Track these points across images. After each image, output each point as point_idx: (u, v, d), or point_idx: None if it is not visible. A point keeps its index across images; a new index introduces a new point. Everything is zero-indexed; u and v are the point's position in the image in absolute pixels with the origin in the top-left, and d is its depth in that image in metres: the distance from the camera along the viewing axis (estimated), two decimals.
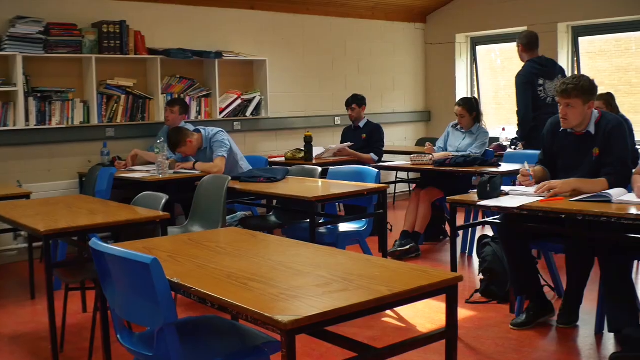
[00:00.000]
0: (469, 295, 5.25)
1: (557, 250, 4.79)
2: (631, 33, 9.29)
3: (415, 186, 7.24)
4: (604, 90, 8.23)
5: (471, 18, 10.05)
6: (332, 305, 2.29)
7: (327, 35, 9.39)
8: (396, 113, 10.18)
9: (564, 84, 4.41)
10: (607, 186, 4.28)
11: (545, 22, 9.26)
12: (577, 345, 4.41)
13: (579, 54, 9.43)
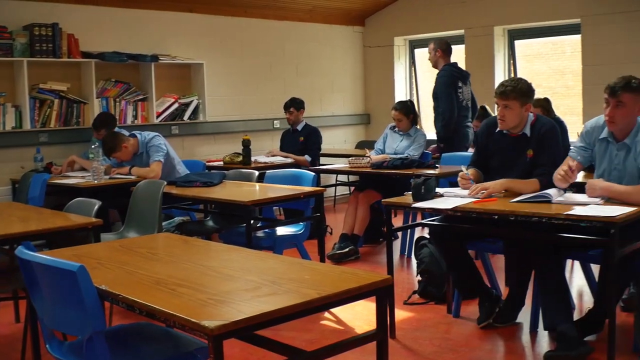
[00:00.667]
0: (407, 297, 5.28)
1: (493, 250, 4.84)
2: (566, 36, 9.47)
3: (354, 189, 7.26)
4: (542, 93, 8.40)
5: (409, 21, 10.13)
6: (259, 310, 2.27)
7: (265, 39, 9.36)
8: (335, 116, 10.21)
9: (503, 85, 4.47)
10: (538, 186, 4.36)
11: (482, 25, 9.40)
12: (513, 343, 4.46)
13: (515, 56, 9.58)
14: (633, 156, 4.14)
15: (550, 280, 4.17)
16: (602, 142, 4.29)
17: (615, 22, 8.36)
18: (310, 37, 9.94)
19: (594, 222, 3.67)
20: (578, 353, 3.92)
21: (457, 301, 4.89)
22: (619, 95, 4.04)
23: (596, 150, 4.33)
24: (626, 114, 4.10)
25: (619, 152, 4.21)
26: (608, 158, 4.26)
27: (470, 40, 9.55)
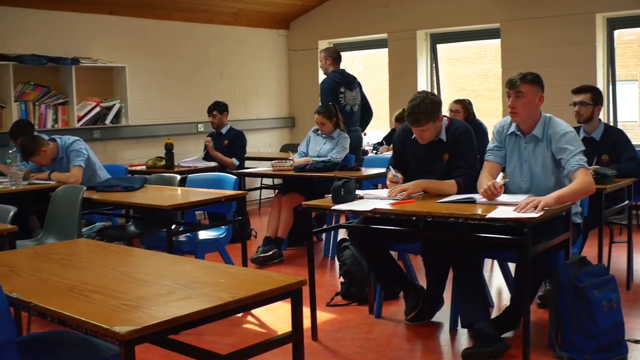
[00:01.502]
0: (330, 299, 5.32)
1: (412, 251, 4.92)
2: (487, 41, 9.69)
3: (277, 192, 7.28)
4: (465, 95, 8.58)
5: (333, 25, 10.20)
6: (172, 314, 2.26)
7: (189, 42, 9.30)
8: (260, 119, 10.21)
9: (412, 114, 4.50)
10: (455, 187, 4.48)
11: (404, 29, 9.53)
12: (433, 342, 4.54)
13: (437, 60, 9.74)
14: (545, 148, 4.29)
15: (468, 279, 4.27)
16: (511, 136, 4.47)
17: (532, 27, 8.59)
18: (235, 41, 9.91)
19: (508, 222, 3.78)
20: (495, 349, 4.02)
21: (379, 302, 4.96)
22: (518, 86, 4.31)
23: (506, 146, 4.47)
24: (526, 103, 4.33)
25: (527, 144, 4.40)
26: (518, 152, 4.44)
27: (393, 44, 9.67)
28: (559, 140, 4.27)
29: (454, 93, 10.34)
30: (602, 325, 3.95)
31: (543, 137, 4.35)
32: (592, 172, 4.95)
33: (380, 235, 4.66)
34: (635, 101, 10.80)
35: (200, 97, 9.18)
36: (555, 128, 4.32)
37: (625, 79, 10.41)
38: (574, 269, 4.02)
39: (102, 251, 3.46)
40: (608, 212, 5.14)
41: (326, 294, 5.44)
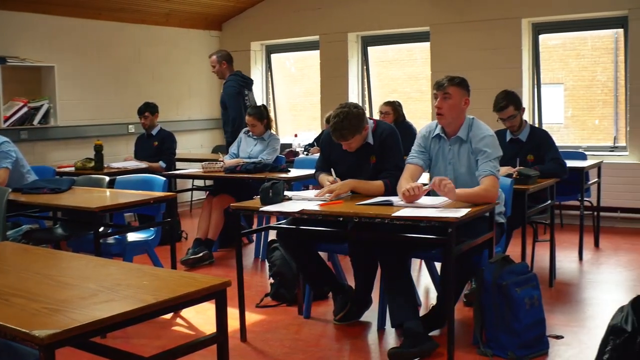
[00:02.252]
0: (259, 300, 5.33)
1: (341, 251, 4.96)
2: (417, 43, 9.82)
3: (207, 193, 7.25)
4: (397, 97, 8.70)
5: (266, 26, 10.22)
6: (93, 317, 2.25)
7: (120, 42, 9.20)
8: (192, 120, 10.15)
9: (336, 130, 4.54)
10: (383, 188, 4.55)
11: (335, 31, 9.60)
12: (361, 341, 4.59)
13: (368, 62, 9.83)
14: (469, 149, 4.39)
15: (396, 278, 4.33)
16: (435, 139, 4.55)
17: (460, 31, 8.76)
18: (167, 41, 9.84)
19: (433, 222, 3.85)
20: (421, 349, 4.09)
21: (308, 302, 4.99)
22: (445, 87, 4.42)
23: (432, 148, 4.55)
24: (453, 105, 4.43)
25: (452, 146, 4.49)
26: (442, 154, 4.53)
27: (324, 45, 9.74)
28: (479, 142, 4.38)
29: (386, 95, 10.43)
30: (524, 322, 4.06)
31: (467, 138, 4.45)
32: (515, 173, 5.11)
33: (308, 236, 4.70)
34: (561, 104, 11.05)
35: (132, 97, 9.06)
36: (477, 131, 4.43)
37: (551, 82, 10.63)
38: (497, 268, 4.12)
39: (26, 254, 3.40)
40: (531, 211, 5.28)
41: (256, 295, 5.45)
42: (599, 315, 4.88)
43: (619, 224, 8.08)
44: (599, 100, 9.87)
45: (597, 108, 9.89)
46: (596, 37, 9.45)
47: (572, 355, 4.18)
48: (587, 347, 4.20)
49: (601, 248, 7.08)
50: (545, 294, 5.37)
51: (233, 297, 4.59)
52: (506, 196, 4.69)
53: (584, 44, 9.82)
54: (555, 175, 5.57)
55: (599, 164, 6.98)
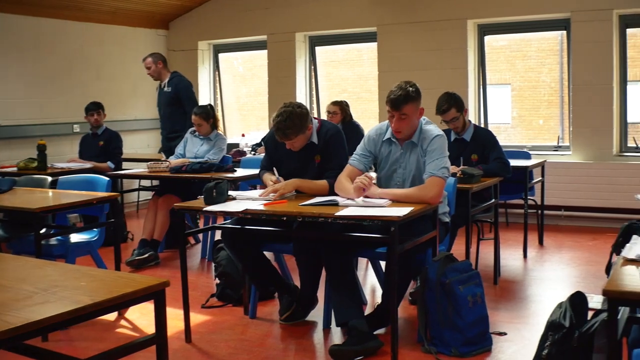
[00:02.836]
0: (205, 300, 5.29)
1: (286, 251, 4.94)
2: (365, 44, 9.86)
3: (153, 194, 7.17)
4: (347, 97, 8.73)
5: (213, 25, 10.16)
6: (27, 319, 2.20)
7: (64, 40, 9.05)
8: (138, 120, 10.04)
9: (279, 129, 4.52)
10: (327, 187, 4.54)
11: (284, 31, 9.59)
12: (306, 341, 4.58)
13: (315, 62, 9.84)
14: (420, 152, 4.40)
15: (340, 278, 4.33)
16: (386, 142, 4.54)
17: (407, 32, 8.82)
18: (112, 40, 9.72)
19: (376, 221, 3.86)
20: (364, 347, 4.10)
21: (254, 302, 4.97)
22: (401, 108, 4.32)
23: (381, 152, 4.56)
24: (410, 123, 4.41)
25: (404, 150, 4.47)
26: (393, 158, 4.52)
27: (272, 45, 9.72)
28: (428, 144, 4.39)
29: (336, 95, 10.48)
30: (467, 319, 4.10)
31: (418, 141, 4.46)
32: (459, 172, 5.16)
33: (253, 236, 4.67)
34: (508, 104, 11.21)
35: (76, 97, 8.93)
36: (426, 133, 4.44)
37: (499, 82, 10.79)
38: (440, 266, 4.15)
39: None
40: (475, 210, 5.33)
41: (202, 295, 5.41)
42: (541, 311, 4.95)
43: (563, 222, 8.22)
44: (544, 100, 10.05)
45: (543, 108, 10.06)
46: (542, 39, 9.61)
47: (514, 351, 4.23)
48: (530, 342, 4.25)
49: (545, 246, 7.18)
50: (489, 291, 5.46)
51: (178, 298, 4.57)
52: (450, 195, 4.73)
53: (530, 45, 9.99)
54: (499, 174, 5.64)
55: (543, 163, 7.08)
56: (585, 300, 3.53)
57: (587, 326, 3.30)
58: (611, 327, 2.30)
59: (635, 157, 7.99)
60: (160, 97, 7.60)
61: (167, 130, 7.61)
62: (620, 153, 8.16)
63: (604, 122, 8.04)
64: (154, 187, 8.92)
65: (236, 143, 8.76)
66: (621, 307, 2.61)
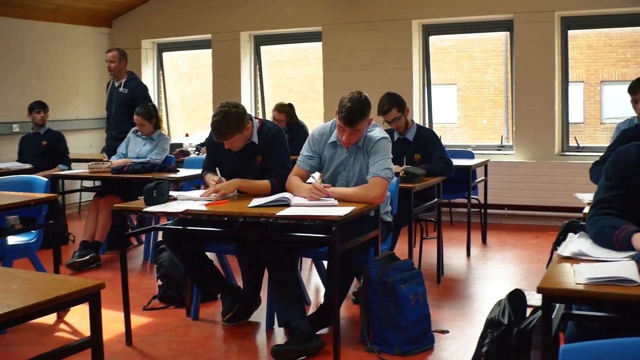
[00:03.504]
0: (147, 302, 5.22)
1: (228, 252, 4.91)
2: (311, 43, 9.85)
3: (94, 195, 7.05)
4: (294, 97, 8.73)
5: (157, 24, 10.06)
6: None
7: (3, 37, 8.85)
8: (80, 120, 9.87)
9: (216, 129, 4.47)
10: (269, 187, 4.51)
11: (228, 30, 9.53)
12: (249, 342, 4.55)
13: (261, 62, 9.81)
14: (364, 154, 4.41)
15: (282, 278, 4.31)
16: (330, 145, 4.53)
17: (352, 31, 8.85)
18: (54, 38, 9.54)
19: (317, 220, 3.85)
20: (306, 346, 4.09)
21: (196, 304, 4.92)
22: (355, 125, 4.31)
23: (325, 154, 4.55)
24: (360, 135, 4.42)
25: (349, 153, 4.46)
26: (337, 161, 4.51)
27: (217, 44, 9.66)
28: (372, 146, 4.40)
29: (283, 95, 10.44)
30: (409, 318, 4.12)
31: (363, 145, 4.47)
32: (402, 172, 5.18)
33: (195, 237, 4.62)
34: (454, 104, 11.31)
35: (16, 96, 8.74)
36: (371, 135, 4.45)
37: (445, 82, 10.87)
38: (382, 265, 4.16)
39: None
40: (417, 209, 5.35)
41: (144, 297, 5.34)
42: (484, 309, 4.98)
43: (506, 220, 8.32)
44: (489, 100, 10.15)
45: (488, 108, 10.16)
46: (487, 40, 9.70)
47: (456, 349, 4.27)
48: (472, 340, 4.26)
49: (488, 244, 7.27)
50: (432, 290, 5.50)
51: (119, 300, 4.49)
52: (392, 195, 4.74)
53: (475, 46, 10.07)
54: (441, 174, 5.68)
55: (486, 163, 7.16)
56: (524, 297, 3.57)
57: (525, 323, 3.34)
58: (545, 324, 2.32)
59: (576, 157, 8.13)
60: (114, 96, 7.41)
61: (117, 130, 7.41)
62: (561, 152, 8.30)
63: (546, 122, 8.17)
64: (96, 187, 8.78)
65: (180, 143, 8.67)
66: (556, 304, 2.65)
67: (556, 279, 2.42)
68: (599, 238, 2.77)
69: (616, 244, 2.66)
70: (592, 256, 2.63)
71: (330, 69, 8.96)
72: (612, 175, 2.93)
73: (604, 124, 10.92)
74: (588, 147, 8.31)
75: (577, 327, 2.72)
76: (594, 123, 11.18)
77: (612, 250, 2.66)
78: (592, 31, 9.14)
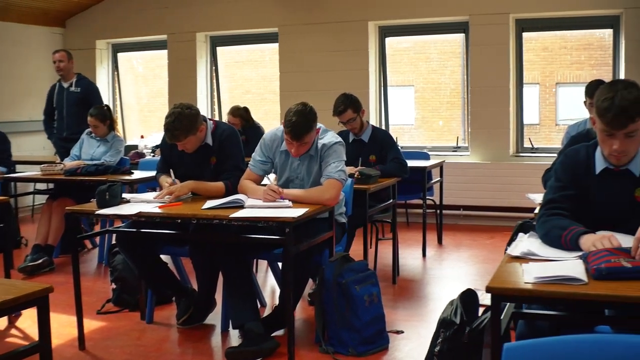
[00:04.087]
0: (100, 306, 5.16)
1: (183, 254, 4.87)
2: (268, 44, 9.83)
3: (47, 197, 6.95)
4: (251, 99, 8.71)
5: (112, 24, 9.95)
6: None
7: None
8: (32, 121, 9.66)
9: (168, 130, 4.45)
10: (224, 189, 4.50)
11: (184, 31, 9.48)
12: (204, 344, 4.53)
13: (217, 63, 9.77)
14: (317, 161, 4.41)
15: (236, 280, 4.30)
16: (282, 153, 4.53)
17: (308, 33, 8.86)
18: (4, 37, 9.37)
19: (271, 222, 3.85)
20: (260, 348, 4.07)
21: (151, 307, 4.88)
22: (302, 138, 4.30)
23: (277, 161, 4.55)
24: (309, 146, 4.42)
25: (301, 161, 4.47)
26: (289, 168, 4.51)
27: (173, 45, 9.60)
28: (325, 151, 4.41)
29: (240, 96, 10.40)
30: (363, 319, 4.13)
31: (316, 152, 4.46)
32: (357, 173, 5.19)
33: (148, 240, 4.58)
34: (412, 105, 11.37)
35: None
36: (324, 142, 4.45)
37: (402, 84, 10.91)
38: (337, 266, 4.17)
39: None
40: (373, 210, 5.37)
41: (98, 301, 5.27)
42: (439, 309, 4.94)
43: (462, 221, 8.39)
44: (445, 102, 10.21)
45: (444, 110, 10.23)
46: (444, 41, 9.76)
47: (411, 349, 4.29)
48: (426, 340, 4.26)
49: (444, 245, 7.32)
50: (388, 290, 5.52)
51: (73, 304, 4.42)
52: (347, 196, 4.76)
53: (432, 47, 10.13)
54: (396, 175, 5.71)
55: (441, 164, 7.21)
56: (476, 297, 3.61)
57: (477, 322, 3.37)
58: (494, 323, 2.34)
59: (530, 158, 8.23)
60: (64, 96, 7.34)
61: (69, 130, 7.34)
62: (516, 153, 8.39)
63: (501, 124, 8.26)
64: (49, 190, 8.65)
65: (135, 145, 8.60)
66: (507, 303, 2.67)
67: (505, 278, 2.44)
68: (547, 238, 2.80)
69: (564, 244, 2.69)
70: (541, 256, 2.66)
71: (286, 70, 8.96)
72: (562, 176, 2.97)
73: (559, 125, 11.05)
74: (542, 148, 8.41)
75: (527, 326, 2.75)
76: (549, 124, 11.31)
77: (561, 250, 2.70)
78: (547, 33, 9.25)
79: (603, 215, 2.85)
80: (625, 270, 2.34)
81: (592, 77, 6.14)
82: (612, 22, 8.04)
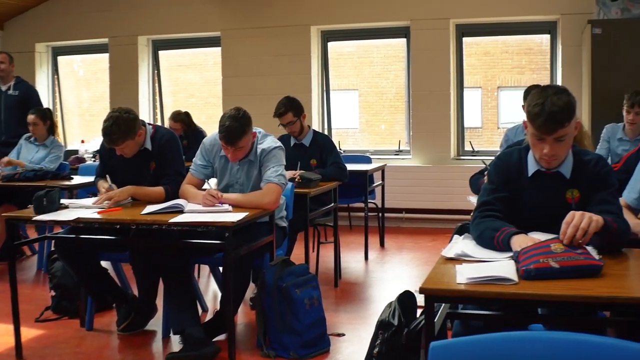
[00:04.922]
0: (39, 314, 5.08)
1: (123, 260, 4.83)
2: (211, 48, 9.80)
3: None
4: (194, 103, 8.67)
5: (52, 27, 9.83)
6: None
7: None
8: None
9: (106, 134, 4.40)
10: (163, 194, 4.48)
11: (126, 34, 9.40)
12: (145, 350, 4.49)
13: (159, 67, 9.71)
14: (257, 166, 4.42)
15: (175, 285, 4.29)
16: (222, 158, 4.54)
17: (251, 37, 8.87)
18: None
19: (210, 226, 3.85)
20: (200, 353, 4.06)
21: (90, 314, 4.82)
22: (237, 143, 4.31)
23: (217, 166, 4.56)
24: (246, 150, 4.43)
25: (240, 166, 4.47)
26: (229, 173, 4.53)
27: (114, 49, 9.52)
28: (265, 155, 4.43)
29: (184, 100, 10.36)
30: (304, 322, 4.15)
31: (256, 157, 4.47)
32: (297, 177, 5.22)
33: (88, 246, 4.54)
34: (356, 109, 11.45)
35: None
36: (263, 147, 4.46)
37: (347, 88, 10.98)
38: (277, 270, 4.18)
39: None
40: (314, 214, 5.40)
41: (37, 309, 5.18)
42: (380, 311, 4.94)
43: (404, 224, 8.48)
44: (389, 106, 10.31)
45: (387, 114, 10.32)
46: (388, 46, 9.85)
47: (352, 352, 4.32)
48: (367, 342, 4.26)
49: (386, 247, 7.39)
50: (330, 294, 5.55)
51: (10, 312, 4.35)
52: (288, 200, 4.78)
53: (376, 51, 10.22)
54: (336, 178, 5.75)
55: (383, 167, 7.28)
56: (414, 298, 3.66)
57: (415, 324, 3.42)
58: (427, 323, 2.38)
59: (471, 161, 8.36)
60: (2, 99, 7.21)
61: (7, 134, 7.23)
62: (457, 157, 8.52)
63: (442, 127, 8.38)
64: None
65: (76, 150, 8.50)
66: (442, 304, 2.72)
67: (439, 279, 2.48)
68: (481, 239, 2.86)
69: (497, 245, 2.75)
70: (474, 257, 2.71)
71: (229, 74, 8.95)
72: (495, 178, 3.04)
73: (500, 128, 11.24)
74: (483, 151, 8.55)
75: (462, 326, 2.80)
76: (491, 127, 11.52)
77: (494, 251, 2.75)
78: (489, 38, 9.43)
79: (535, 216, 2.92)
80: (554, 270, 2.40)
81: (533, 81, 6.28)
82: (549, 28, 8.23)
